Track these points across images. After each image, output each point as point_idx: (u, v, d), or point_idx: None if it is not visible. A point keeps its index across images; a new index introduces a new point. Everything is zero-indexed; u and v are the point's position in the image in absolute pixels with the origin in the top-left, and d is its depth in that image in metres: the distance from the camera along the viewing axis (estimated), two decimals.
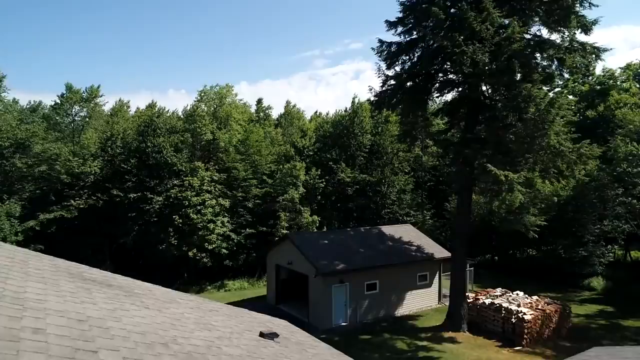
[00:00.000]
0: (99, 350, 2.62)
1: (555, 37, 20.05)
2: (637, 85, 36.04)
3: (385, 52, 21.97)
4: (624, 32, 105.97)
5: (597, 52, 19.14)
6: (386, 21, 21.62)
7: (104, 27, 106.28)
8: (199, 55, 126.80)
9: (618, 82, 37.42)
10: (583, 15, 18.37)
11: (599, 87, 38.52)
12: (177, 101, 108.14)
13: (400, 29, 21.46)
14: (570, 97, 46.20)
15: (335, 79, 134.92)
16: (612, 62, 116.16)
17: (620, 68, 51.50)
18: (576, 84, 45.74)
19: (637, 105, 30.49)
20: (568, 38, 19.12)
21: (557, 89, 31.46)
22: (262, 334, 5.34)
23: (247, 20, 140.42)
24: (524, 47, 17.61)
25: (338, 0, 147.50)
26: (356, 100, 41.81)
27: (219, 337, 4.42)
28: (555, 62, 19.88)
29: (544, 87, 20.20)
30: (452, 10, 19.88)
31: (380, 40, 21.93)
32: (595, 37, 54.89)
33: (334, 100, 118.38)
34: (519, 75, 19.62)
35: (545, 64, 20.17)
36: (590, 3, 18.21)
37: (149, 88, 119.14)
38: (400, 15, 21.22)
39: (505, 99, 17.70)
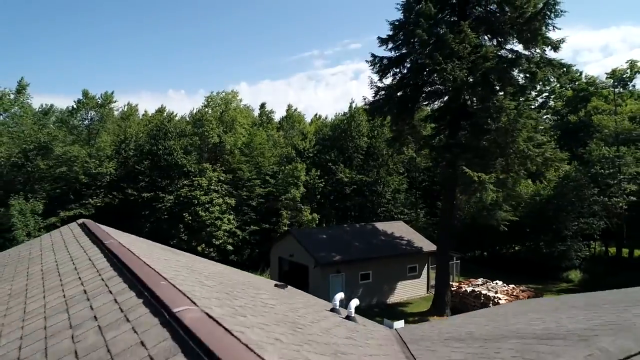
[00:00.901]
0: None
1: (529, 52, 22.64)
2: (617, 91, 38.52)
3: (378, 65, 24.52)
4: (623, 32, 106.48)
5: (563, 67, 21.64)
6: (378, 38, 24.15)
7: (103, 27, 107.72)
8: (199, 55, 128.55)
9: (598, 89, 39.83)
10: (548, 37, 20.83)
11: (581, 93, 41.00)
12: (177, 101, 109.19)
13: (390, 45, 23.99)
14: (552, 102, 48.80)
15: (335, 79, 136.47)
16: (611, 63, 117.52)
17: (606, 74, 54.05)
18: (562, 89, 48.24)
19: (612, 111, 32.92)
20: (538, 55, 21.60)
21: (538, 97, 33.97)
22: (275, 285, 7.82)
23: (247, 21, 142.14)
24: (498, 64, 20.06)
25: (337, 0, 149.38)
26: (353, 105, 44.33)
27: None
28: (528, 76, 22.47)
29: (523, 96, 22.72)
30: (436, 29, 22.41)
31: (372, 55, 24.48)
32: (593, 38, 57.12)
33: (333, 101, 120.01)
34: (497, 87, 22.20)
35: (520, 77, 22.75)
36: (554, 26, 20.66)
37: (149, 88, 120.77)
38: (391, 33, 23.75)
39: (480, 110, 20.17)
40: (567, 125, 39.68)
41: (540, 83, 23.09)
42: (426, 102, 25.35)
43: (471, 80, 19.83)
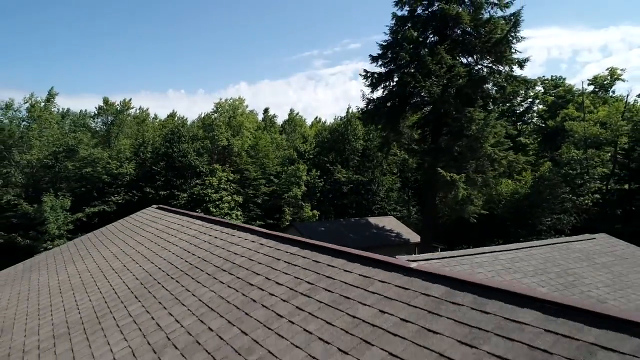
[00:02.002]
0: None
1: (501, 68, 26.34)
2: (599, 94, 42.19)
3: (370, 79, 28.25)
4: (622, 32, 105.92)
5: (527, 82, 25.35)
6: (370, 55, 27.85)
7: (103, 27, 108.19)
8: (198, 55, 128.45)
9: (574, 97, 43.39)
10: (513, 58, 24.50)
11: (560, 100, 44.60)
12: (176, 101, 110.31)
13: (380, 62, 27.70)
14: (541, 106, 52.46)
15: (335, 79, 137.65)
16: (610, 63, 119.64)
17: (588, 79, 57.82)
18: (545, 95, 51.86)
19: (582, 118, 36.52)
20: (505, 73, 25.29)
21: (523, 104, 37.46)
22: None
23: (246, 21, 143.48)
24: (469, 81, 23.71)
25: (336, 0, 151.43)
26: (350, 110, 48.03)
27: None
28: (499, 89, 26.22)
29: (496, 105, 26.41)
30: (419, 49, 26.08)
31: (365, 70, 28.18)
32: (593, 38, 60.00)
33: (333, 101, 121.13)
34: (473, 99, 25.87)
35: (493, 90, 26.49)
36: (516, 49, 24.36)
37: (149, 88, 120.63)
38: (380, 52, 27.46)
39: (454, 120, 23.84)
40: (546, 129, 43.32)
41: (512, 94, 26.71)
42: (411, 112, 29.01)
43: (446, 94, 23.45)
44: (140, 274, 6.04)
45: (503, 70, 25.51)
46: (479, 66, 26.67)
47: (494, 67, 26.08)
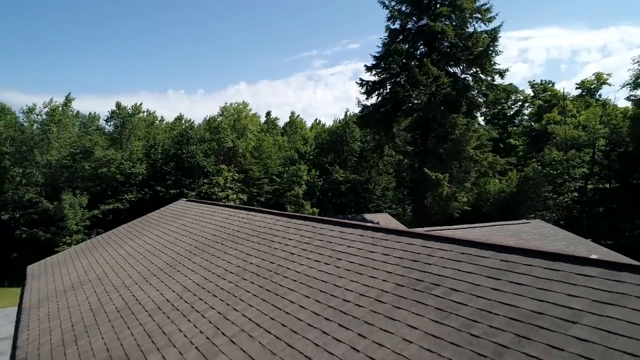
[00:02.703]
0: None
1: (485, 76, 29.00)
2: (574, 102, 44.88)
3: (365, 86, 30.91)
4: (621, 32, 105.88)
5: (506, 91, 27.97)
6: (365, 65, 30.53)
7: (103, 27, 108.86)
8: (198, 55, 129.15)
9: (559, 101, 46.03)
10: (493, 69, 27.15)
11: (546, 104, 47.30)
12: (176, 101, 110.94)
13: (374, 71, 30.36)
14: (530, 109, 55.16)
15: (334, 79, 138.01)
16: (609, 63, 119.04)
17: (576, 84, 60.41)
18: (534, 99, 54.53)
19: (563, 122, 39.19)
20: (486, 82, 27.95)
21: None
22: None
23: (246, 21, 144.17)
24: (452, 91, 26.36)
25: (336, 1, 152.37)
26: (348, 113, 50.70)
27: None
28: (482, 96, 28.90)
29: (479, 111, 29.03)
30: (409, 60, 28.73)
31: (360, 79, 30.85)
32: (592, 38, 61.99)
33: (333, 101, 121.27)
34: (460, 106, 28.52)
35: (477, 97, 29.16)
36: (495, 62, 26.99)
37: (148, 88, 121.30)
38: (374, 62, 30.12)
39: (439, 125, 26.51)
40: (533, 132, 46.03)
41: (492, 103, 29.37)
42: (403, 117, 31.66)
43: (433, 102, 26.11)
44: (193, 242, 8.70)
45: (485, 80, 28.16)
46: (465, 75, 29.38)
47: (478, 76, 28.77)
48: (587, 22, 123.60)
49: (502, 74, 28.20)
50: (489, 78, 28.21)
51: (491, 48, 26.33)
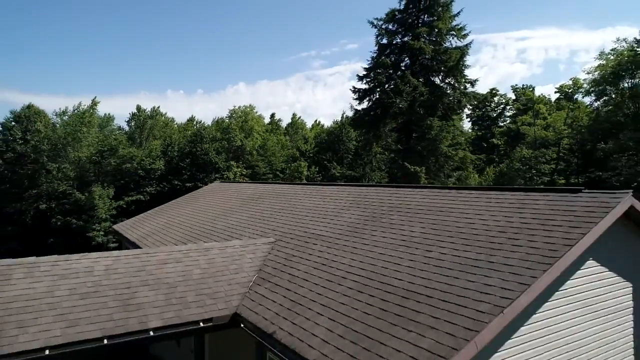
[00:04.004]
0: None
1: (459, 85, 34.21)
2: (547, 105, 50.18)
3: (357, 93, 36.16)
4: (619, 33, 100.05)
5: (476, 98, 33.19)
6: (357, 75, 35.81)
7: (103, 27, 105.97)
8: (197, 55, 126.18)
9: (535, 104, 51.21)
10: (465, 79, 32.32)
11: (522, 106, 52.50)
12: (176, 101, 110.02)
13: (365, 81, 35.60)
14: (512, 112, 60.32)
15: (333, 79, 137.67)
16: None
17: (555, 87, 65.59)
18: (515, 102, 59.71)
19: (533, 123, 44.35)
20: (459, 90, 33.16)
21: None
22: None
23: (245, 21, 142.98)
24: (428, 98, 31.51)
25: (334, 1, 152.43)
26: (344, 115, 55.89)
27: None
28: (456, 103, 34.15)
29: (455, 114, 34.21)
30: (394, 70, 33.91)
31: (353, 87, 36.20)
32: (590, 39, 65.74)
33: (332, 101, 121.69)
34: (437, 111, 33.68)
35: (453, 103, 34.38)
36: (465, 74, 32.22)
37: (148, 88, 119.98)
38: (365, 73, 35.33)
39: (418, 127, 31.71)
40: (511, 132, 51.24)
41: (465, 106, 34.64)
42: (391, 120, 36.88)
43: (413, 107, 31.28)
44: (245, 198, 13.87)
45: (458, 88, 33.39)
46: (443, 84, 34.59)
47: (453, 85, 34.00)
48: (585, 23, 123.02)
49: (472, 83, 33.46)
50: (462, 87, 33.44)
51: (461, 62, 31.51)
